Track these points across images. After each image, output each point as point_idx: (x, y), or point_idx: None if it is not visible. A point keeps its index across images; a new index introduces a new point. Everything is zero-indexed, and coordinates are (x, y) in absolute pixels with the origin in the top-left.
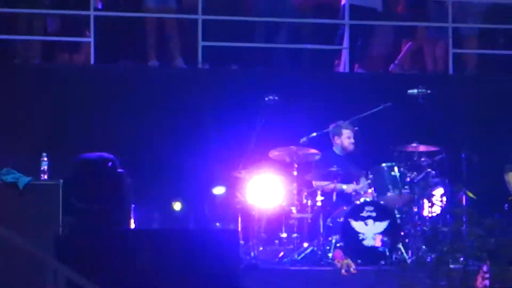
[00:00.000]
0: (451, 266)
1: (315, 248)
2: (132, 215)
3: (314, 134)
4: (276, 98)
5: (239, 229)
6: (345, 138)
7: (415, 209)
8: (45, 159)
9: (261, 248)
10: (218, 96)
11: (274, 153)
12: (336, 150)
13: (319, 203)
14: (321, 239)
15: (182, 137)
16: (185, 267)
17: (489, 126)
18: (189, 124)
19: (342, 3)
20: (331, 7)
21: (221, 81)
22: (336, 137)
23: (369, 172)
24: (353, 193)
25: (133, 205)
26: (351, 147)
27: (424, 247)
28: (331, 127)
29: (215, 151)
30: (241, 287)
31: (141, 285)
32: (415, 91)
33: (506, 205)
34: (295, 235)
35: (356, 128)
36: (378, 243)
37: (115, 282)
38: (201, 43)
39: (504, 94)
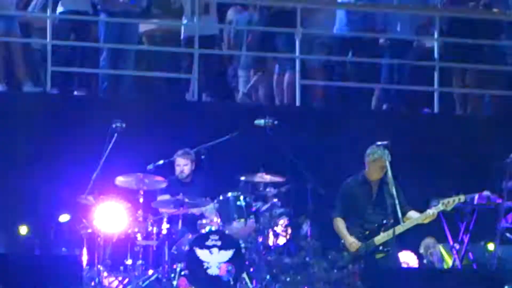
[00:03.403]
0: None
1: (160, 276)
2: None
3: (161, 161)
4: (124, 125)
5: (84, 255)
6: (177, 166)
7: (260, 239)
8: None
9: (106, 274)
10: (65, 121)
11: (120, 180)
12: (178, 174)
13: (164, 231)
14: (166, 266)
15: (29, 161)
16: None
17: (334, 158)
18: (36, 149)
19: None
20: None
21: (68, 106)
22: (175, 165)
23: (215, 201)
24: (199, 222)
25: None
26: (181, 176)
27: (268, 277)
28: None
29: (62, 176)
30: None
31: None
32: (262, 121)
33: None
34: (140, 262)
35: (203, 156)
36: (222, 272)
37: None
38: (50, 68)
39: (348, 125)
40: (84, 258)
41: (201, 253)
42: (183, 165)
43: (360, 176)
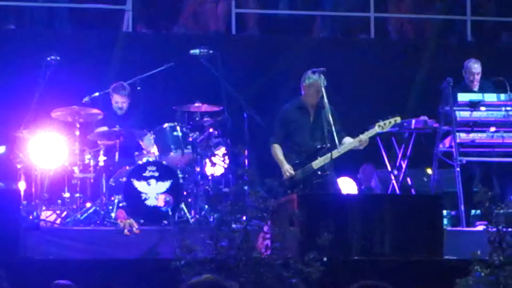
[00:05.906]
0: (233, 226)
1: (98, 208)
2: None
3: (97, 94)
4: (58, 58)
5: (21, 189)
6: (115, 103)
7: (198, 169)
8: None
9: (44, 208)
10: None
11: (56, 113)
12: (116, 110)
13: (101, 163)
14: (104, 199)
15: None
16: None
17: (270, 86)
18: None
19: None
20: None
21: (2, 40)
22: (111, 98)
23: (151, 132)
24: (136, 153)
25: None
26: (119, 112)
27: (206, 207)
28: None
29: None
30: (22, 247)
31: None
32: (197, 51)
33: None
34: (78, 195)
35: (139, 87)
36: (160, 203)
37: None
38: None
39: (284, 54)
40: (22, 193)
41: (139, 185)
42: (121, 102)
43: (297, 102)
